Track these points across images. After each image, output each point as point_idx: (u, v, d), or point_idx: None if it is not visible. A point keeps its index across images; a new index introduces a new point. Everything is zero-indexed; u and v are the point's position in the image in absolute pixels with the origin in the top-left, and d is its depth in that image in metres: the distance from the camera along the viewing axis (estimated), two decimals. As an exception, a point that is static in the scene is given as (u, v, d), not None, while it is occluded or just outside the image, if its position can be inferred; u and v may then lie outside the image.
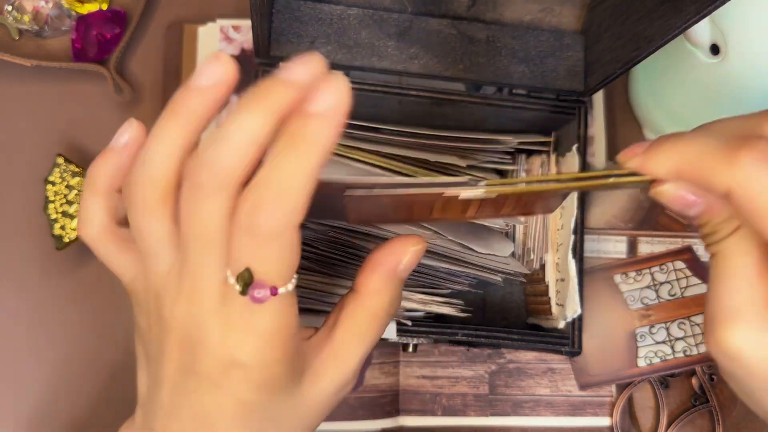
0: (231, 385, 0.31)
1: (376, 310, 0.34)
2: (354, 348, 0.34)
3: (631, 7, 0.44)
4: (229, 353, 0.30)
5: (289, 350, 0.31)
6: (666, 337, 0.55)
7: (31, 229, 0.54)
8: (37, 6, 0.56)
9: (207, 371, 0.30)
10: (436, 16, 0.50)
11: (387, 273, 0.34)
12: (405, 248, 0.34)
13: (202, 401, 0.31)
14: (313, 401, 0.33)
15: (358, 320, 0.34)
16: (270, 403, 0.32)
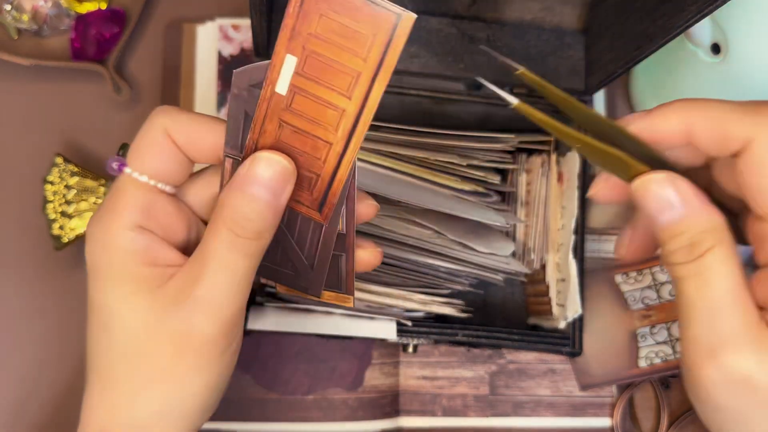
0: (89, 279, 0.33)
1: (218, 227, 0.32)
2: (195, 268, 0.32)
3: (632, 6, 0.44)
4: (88, 232, 0.33)
5: (128, 241, 0.32)
6: (667, 337, 0.55)
7: (29, 229, 0.54)
8: (36, 5, 0.56)
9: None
10: (437, 15, 0.49)
11: (232, 186, 0.32)
12: (253, 158, 0.32)
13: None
14: (148, 324, 0.31)
15: (203, 240, 0.32)
16: (104, 300, 0.32)
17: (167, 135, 0.33)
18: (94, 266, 0.32)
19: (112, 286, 0.32)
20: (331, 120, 0.30)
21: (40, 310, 0.54)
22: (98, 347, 0.33)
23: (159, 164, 0.33)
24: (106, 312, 0.32)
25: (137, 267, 0.32)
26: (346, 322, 0.46)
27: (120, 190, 0.33)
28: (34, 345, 0.54)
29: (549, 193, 0.51)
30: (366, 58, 0.28)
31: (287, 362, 0.54)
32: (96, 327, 0.33)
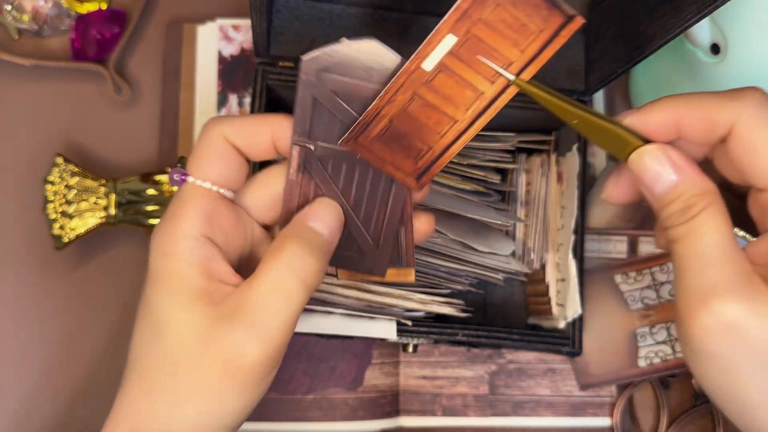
0: (147, 285, 0.34)
1: (283, 252, 0.33)
2: (252, 290, 0.32)
3: (631, 6, 0.44)
4: (151, 240, 0.34)
5: (190, 252, 0.33)
6: (666, 337, 0.55)
7: (29, 229, 0.54)
8: (36, 5, 0.56)
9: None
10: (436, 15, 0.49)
11: (296, 220, 0.35)
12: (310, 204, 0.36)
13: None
14: (201, 341, 0.32)
15: (262, 263, 0.33)
16: (159, 304, 0.33)
17: (226, 141, 0.34)
18: (155, 272, 0.33)
19: (171, 292, 0.32)
20: (466, 100, 0.32)
21: (41, 309, 0.54)
22: (146, 350, 0.33)
23: (220, 170, 0.34)
24: (161, 317, 0.33)
25: (197, 278, 0.33)
26: (346, 322, 0.46)
27: (183, 199, 0.34)
28: (35, 344, 0.54)
29: (549, 193, 0.52)
30: (524, 50, 0.29)
31: (287, 362, 0.54)
32: (148, 330, 0.33)
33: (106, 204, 0.52)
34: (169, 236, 0.33)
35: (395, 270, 0.37)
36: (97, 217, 0.52)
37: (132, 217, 0.53)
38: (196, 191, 0.34)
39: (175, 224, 0.33)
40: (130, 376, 0.34)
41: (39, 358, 0.53)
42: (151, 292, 0.33)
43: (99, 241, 0.54)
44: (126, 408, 0.33)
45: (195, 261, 0.33)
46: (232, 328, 0.31)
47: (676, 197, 0.31)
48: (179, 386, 0.32)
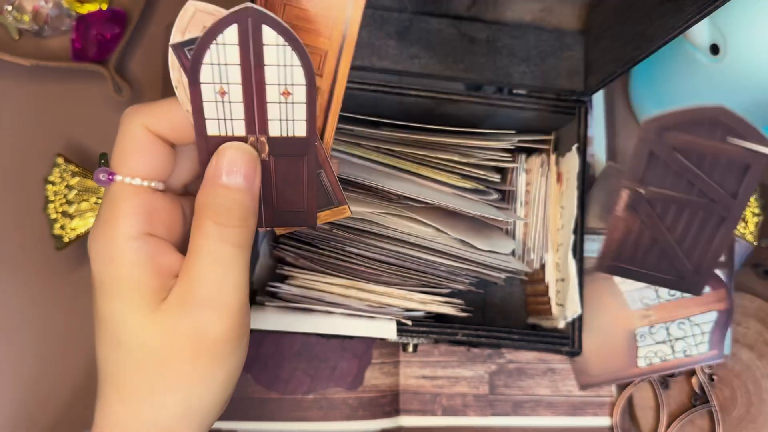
0: (93, 286, 0.34)
1: (203, 223, 0.32)
2: (193, 268, 0.32)
3: (631, 7, 0.44)
4: (88, 246, 0.33)
5: (129, 252, 0.32)
6: (666, 337, 0.55)
7: (30, 229, 0.54)
8: (37, 6, 0.56)
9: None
10: (436, 15, 0.50)
11: (206, 182, 0.32)
12: (216, 153, 0.32)
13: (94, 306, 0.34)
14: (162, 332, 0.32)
15: (191, 240, 0.32)
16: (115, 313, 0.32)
17: (148, 131, 0.33)
18: (100, 281, 0.32)
19: (122, 300, 0.32)
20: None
21: (41, 308, 0.54)
22: (112, 360, 0.33)
23: (147, 163, 0.33)
24: (118, 326, 0.32)
25: (145, 278, 0.32)
26: (347, 322, 0.46)
27: (115, 200, 0.32)
28: (35, 343, 0.54)
29: (548, 193, 0.52)
30: (330, 36, 0.30)
31: (287, 362, 0.54)
32: (108, 341, 0.33)
33: (107, 204, 0.52)
34: (109, 242, 0.32)
35: (329, 211, 0.37)
36: (98, 217, 0.52)
37: (132, 217, 0.53)
38: (126, 190, 0.32)
39: (113, 228, 0.32)
40: (104, 387, 0.34)
41: (39, 357, 0.53)
42: (102, 301, 0.33)
43: (99, 241, 0.54)
44: (106, 420, 0.33)
45: (141, 261, 0.32)
46: (186, 313, 0.32)
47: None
48: (156, 384, 0.32)
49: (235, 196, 0.32)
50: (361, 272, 0.47)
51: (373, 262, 0.47)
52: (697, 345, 0.55)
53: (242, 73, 0.30)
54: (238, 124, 0.32)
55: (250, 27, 0.29)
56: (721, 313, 0.55)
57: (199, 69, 0.30)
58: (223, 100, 0.31)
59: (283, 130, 0.32)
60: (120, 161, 0.33)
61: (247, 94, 0.31)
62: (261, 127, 0.32)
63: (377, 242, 0.46)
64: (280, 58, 0.30)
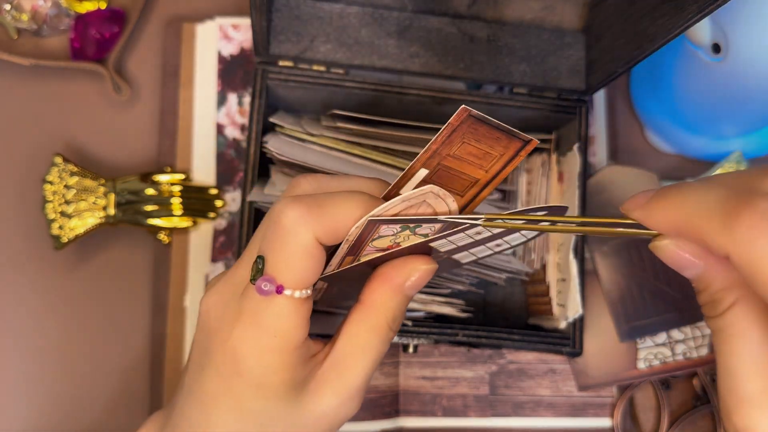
0: (231, 378, 0.32)
1: (380, 322, 0.34)
2: (356, 360, 0.34)
3: (632, 5, 0.44)
4: (234, 345, 0.32)
5: (292, 358, 0.32)
6: (666, 339, 0.55)
7: (28, 229, 0.54)
8: (35, 5, 0.56)
9: (215, 357, 0.33)
10: (437, 14, 0.49)
11: (393, 288, 0.34)
12: (415, 266, 0.34)
13: (207, 386, 0.33)
14: (313, 415, 0.34)
15: (360, 332, 0.34)
16: (266, 410, 0.33)
17: (317, 241, 0.31)
18: (256, 383, 0.32)
19: (276, 399, 0.33)
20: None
21: (40, 309, 0.54)
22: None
23: (313, 273, 0.32)
24: (264, 418, 0.33)
25: (299, 376, 0.33)
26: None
27: (282, 315, 0.31)
28: (34, 344, 0.53)
29: (549, 193, 0.51)
30: (488, 170, 0.32)
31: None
32: (245, 426, 0.33)
33: (105, 204, 0.52)
34: (277, 355, 0.32)
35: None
36: (96, 216, 0.52)
37: (131, 217, 0.53)
38: (294, 303, 0.31)
39: (282, 342, 0.32)
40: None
41: (38, 357, 0.53)
42: (253, 398, 0.33)
43: (98, 241, 0.54)
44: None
45: (299, 365, 0.33)
46: (341, 400, 0.34)
47: (704, 288, 0.29)
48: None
49: (405, 307, 0.35)
50: None
51: (373, 262, 0.47)
52: (697, 348, 0.55)
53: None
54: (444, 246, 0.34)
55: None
56: (722, 314, 0.55)
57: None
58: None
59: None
60: (287, 272, 0.31)
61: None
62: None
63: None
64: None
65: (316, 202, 0.31)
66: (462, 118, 0.29)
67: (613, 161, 0.58)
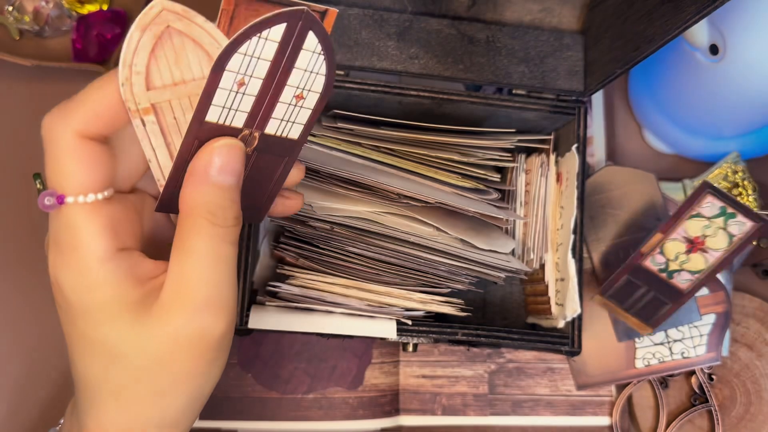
0: (66, 312, 0.32)
1: (202, 224, 0.31)
2: (193, 269, 0.31)
3: (631, 7, 0.44)
4: (54, 277, 0.31)
5: (106, 273, 0.30)
6: (664, 338, 0.55)
7: (30, 229, 0.54)
8: (37, 6, 0.56)
9: (58, 306, 0.32)
10: (436, 16, 0.50)
11: (198, 181, 0.31)
12: (211, 148, 0.31)
13: (67, 335, 0.33)
14: (166, 336, 0.31)
15: (188, 241, 0.31)
16: (109, 337, 0.31)
17: (80, 137, 0.30)
18: (82, 309, 0.31)
19: (113, 321, 0.31)
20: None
21: (40, 308, 0.54)
22: (111, 375, 0.32)
23: (93, 173, 0.30)
24: (114, 344, 0.31)
25: (130, 294, 0.31)
26: (346, 321, 0.46)
27: (73, 224, 0.30)
28: (35, 344, 0.54)
29: (548, 194, 0.52)
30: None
31: (287, 361, 0.55)
32: (101, 360, 0.32)
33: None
34: (83, 271, 0.30)
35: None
36: (98, 216, 0.52)
37: (133, 217, 0.53)
38: (82, 210, 0.30)
39: (82, 256, 0.30)
40: (97, 400, 0.32)
41: (39, 357, 0.53)
42: (87, 326, 0.31)
43: (100, 240, 0.55)
44: (104, 427, 0.33)
45: (121, 280, 0.31)
46: (189, 315, 0.31)
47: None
48: (160, 389, 0.32)
49: (230, 195, 0.31)
50: (362, 272, 0.47)
51: (374, 262, 0.47)
52: (695, 347, 0.55)
53: (269, 69, 0.30)
54: (240, 116, 0.31)
55: (297, 29, 0.29)
56: (719, 316, 0.55)
57: (230, 57, 0.29)
58: (237, 91, 0.30)
59: (280, 129, 0.33)
60: (62, 179, 0.30)
61: (264, 89, 0.31)
62: (260, 123, 0.32)
63: (378, 242, 0.46)
64: (309, 64, 0.31)
65: (66, 100, 0.30)
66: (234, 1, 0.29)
67: (611, 162, 0.59)
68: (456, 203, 0.47)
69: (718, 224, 0.50)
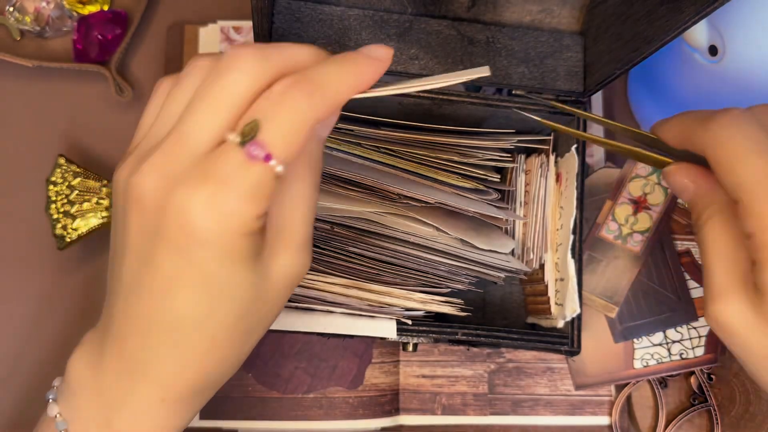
0: (193, 249, 0.30)
1: (303, 172, 0.34)
2: (293, 214, 0.34)
3: (630, 8, 0.44)
4: (196, 213, 0.30)
5: (254, 226, 0.31)
6: (663, 339, 0.55)
7: (32, 229, 0.54)
8: (38, 7, 0.56)
9: (170, 233, 0.30)
10: (436, 17, 0.50)
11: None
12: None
13: (164, 267, 0.31)
14: (274, 277, 0.33)
15: (287, 190, 0.33)
16: (233, 279, 0.31)
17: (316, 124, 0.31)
18: (209, 241, 0.30)
19: (235, 258, 0.31)
20: None
21: (43, 308, 0.54)
22: (213, 313, 0.32)
23: (301, 153, 0.31)
24: (226, 282, 0.31)
25: (254, 235, 0.31)
26: (347, 321, 0.46)
27: (256, 183, 0.30)
28: (36, 343, 0.54)
29: (547, 194, 0.52)
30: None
31: (288, 361, 0.55)
32: (207, 296, 0.31)
33: (109, 204, 0.52)
34: (242, 221, 0.30)
35: None
36: (99, 217, 0.52)
37: (134, 217, 0.53)
38: (272, 176, 0.30)
39: (249, 212, 0.30)
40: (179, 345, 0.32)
41: (40, 357, 0.54)
42: (210, 259, 0.30)
43: (101, 241, 0.55)
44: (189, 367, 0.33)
45: (258, 232, 0.32)
46: (290, 256, 0.34)
47: (693, 206, 0.37)
48: (251, 326, 0.34)
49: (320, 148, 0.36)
50: (362, 272, 0.47)
51: (374, 262, 0.47)
52: (693, 348, 0.55)
53: None
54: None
55: None
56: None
57: None
58: None
59: None
60: (284, 146, 0.30)
61: None
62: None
63: (378, 242, 0.47)
64: None
65: (315, 81, 0.30)
66: None
67: (610, 162, 0.59)
68: (456, 203, 0.47)
69: (654, 180, 0.56)
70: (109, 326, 0.34)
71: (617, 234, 0.56)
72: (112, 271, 0.34)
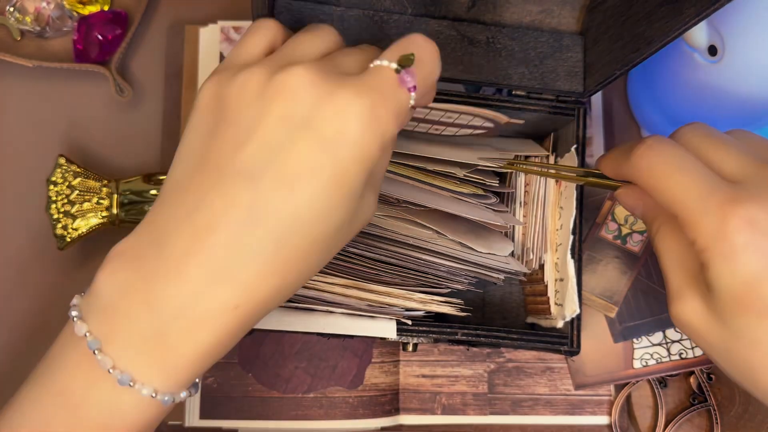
0: (334, 147, 0.31)
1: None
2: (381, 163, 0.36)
3: (630, 8, 0.44)
4: (350, 113, 0.31)
5: (388, 145, 0.33)
6: (662, 339, 0.56)
7: (33, 229, 0.55)
8: (38, 7, 0.56)
9: (323, 129, 0.31)
10: (436, 17, 0.50)
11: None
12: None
13: (301, 157, 0.31)
14: (362, 209, 0.35)
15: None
16: (356, 185, 0.32)
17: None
18: (362, 156, 0.32)
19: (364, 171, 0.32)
20: None
21: (44, 309, 0.54)
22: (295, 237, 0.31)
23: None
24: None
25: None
26: (347, 321, 0.46)
27: (400, 107, 0.33)
28: (37, 344, 0.54)
29: (547, 194, 0.52)
30: None
31: (288, 361, 0.55)
32: (337, 193, 0.32)
33: (109, 204, 0.53)
34: (380, 139, 0.32)
35: None
36: (100, 217, 0.52)
37: (134, 218, 0.53)
38: (408, 105, 0.34)
39: (389, 132, 0.32)
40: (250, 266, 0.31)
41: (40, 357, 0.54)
42: (355, 168, 0.32)
43: (101, 241, 0.55)
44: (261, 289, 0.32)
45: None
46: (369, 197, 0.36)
47: (644, 221, 0.42)
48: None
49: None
50: (362, 272, 0.47)
51: (374, 263, 0.47)
52: (693, 348, 0.55)
53: None
54: None
55: None
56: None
57: None
58: None
59: None
60: (421, 89, 0.34)
61: None
62: None
63: (378, 243, 0.47)
64: None
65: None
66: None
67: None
68: (454, 208, 0.47)
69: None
70: (169, 228, 0.32)
71: (617, 234, 0.56)
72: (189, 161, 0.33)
